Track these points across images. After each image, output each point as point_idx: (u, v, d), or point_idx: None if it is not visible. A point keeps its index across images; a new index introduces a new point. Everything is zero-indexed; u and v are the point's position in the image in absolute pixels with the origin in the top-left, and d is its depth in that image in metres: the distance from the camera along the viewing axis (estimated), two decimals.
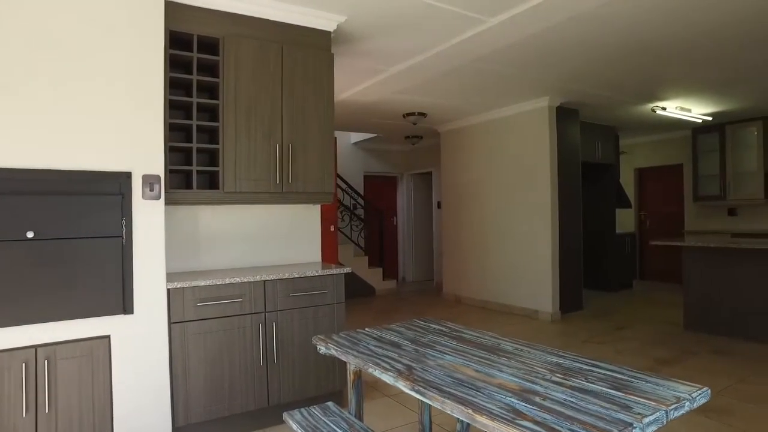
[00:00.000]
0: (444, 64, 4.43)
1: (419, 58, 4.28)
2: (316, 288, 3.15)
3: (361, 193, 8.89)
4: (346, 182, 8.34)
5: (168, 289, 2.67)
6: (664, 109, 6.16)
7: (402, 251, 9.69)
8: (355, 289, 7.69)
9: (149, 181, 2.60)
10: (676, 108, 6.25)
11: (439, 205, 8.56)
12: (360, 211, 8.69)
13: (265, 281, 2.97)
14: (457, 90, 5.43)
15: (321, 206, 3.75)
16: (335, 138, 6.62)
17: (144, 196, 2.58)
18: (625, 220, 8.84)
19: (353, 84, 5.14)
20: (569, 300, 6.17)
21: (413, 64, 4.41)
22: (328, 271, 3.18)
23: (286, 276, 3.03)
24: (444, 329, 2.22)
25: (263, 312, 2.97)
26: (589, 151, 6.96)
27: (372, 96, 5.56)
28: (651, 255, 8.69)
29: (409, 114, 6.50)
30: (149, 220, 2.60)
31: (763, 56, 4.30)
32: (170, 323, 2.67)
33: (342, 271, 3.25)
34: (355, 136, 8.85)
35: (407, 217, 9.68)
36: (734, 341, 4.78)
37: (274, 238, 3.54)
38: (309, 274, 3.11)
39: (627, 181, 8.88)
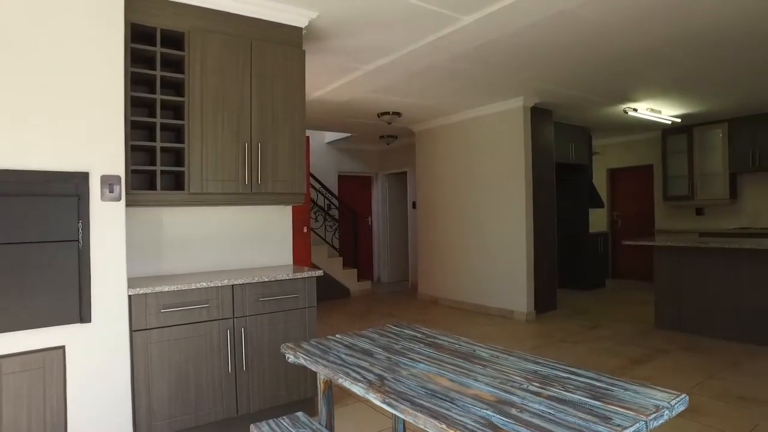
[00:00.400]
0: (419, 63, 4.37)
1: (393, 56, 4.21)
2: (287, 292, 3.05)
3: (336, 193, 8.79)
4: (320, 182, 8.22)
5: (129, 296, 2.53)
6: (635, 110, 6.24)
7: (377, 252, 9.62)
8: (329, 290, 7.58)
9: (109, 181, 2.46)
10: (647, 109, 6.34)
11: (414, 205, 8.52)
12: (334, 212, 8.58)
13: (233, 286, 2.86)
14: (432, 89, 5.38)
15: (293, 207, 3.65)
16: (308, 137, 6.50)
17: (103, 198, 2.44)
18: (598, 220, 8.96)
19: (326, 82, 5.05)
20: (544, 300, 6.19)
21: (387, 62, 4.34)
22: (299, 275, 3.09)
23: (255, 280, 2.92)
24: (418, 335, 2.15)
25: (231, 318, 2.86)
26: (563, 151, 7.01)
27: (346, 95, 5.47)
28: (623, 254, 8.83)
29: (383, 113, 6.43)
30: (109, 223, 2.46)
31: (724, 64, 4.38)
32: (132, 331, 2.53)
33: (313, 275, 3.15)
34: (329, 136, 8.74)
35: (382, 218, 9.61)
36: (703, 339, 4.86)
37: (244, 240, 3.43)
38: (279, 277, 3.01)
39: (600, 181, 9.00)
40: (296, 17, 3.27)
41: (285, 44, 3.24)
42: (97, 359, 2.39)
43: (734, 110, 6.67)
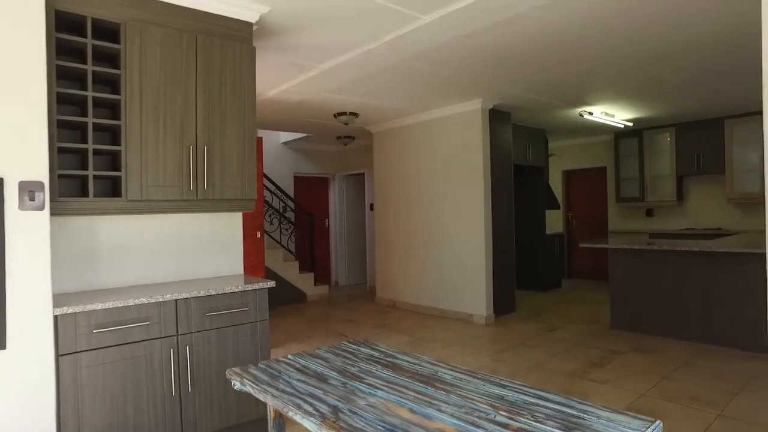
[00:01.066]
0: (376, 63, 4.23)
1: (350, 55, 4.05)
2: (236, 305, 2.84)
3: (291, 195, 8.54)
4: (274, 184, 7.95)
5: (55, 316, 2.27)
6: (590, 113, 6.33)
7: (334, 255, 9.42)
8: (285, 295, 7.34)
9: (29, 188, 2.19)
10: (602, 113, 6.45)
11: (372, 207, 8.38)
12: (290, 214, 8.34)
13: (176, 300, 2.63)
14: (390, 90, 5.26)
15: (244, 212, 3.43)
16: (260, 138, 6.25)
17: (22, 207, 2.17)
18: (554, 221, 9.10)
19: (280, 81, 4.83)
20: (503, 302, 6.18)
21: (344, 61, 4.17)
22: (249, 286, 2.88)
23: (201, 293, 2.70)
24: (376, 354, 2.01)
25: (175, 335, 2.63)
26: (521, 153, 7.05)
27: (300, 94, 5.26)
28: (578, 254, 9.00)
29: (340, 114, 6.25)
30: (29, 235, 2.19)
31: (672, 73, 4.47)
32: (58, 356, 2.27)
33: (265, 286, 2.96)
34: (285, 136, 8.47)
35: (339, 220, 9.42)
36: (656, 339, 4.95)
37: (189, 249, 3.18)
38: (228, 290, 2.80)
39: (555, 182, 9.14)
40: (246, 11, 3.06)
41: (234, 40, 3.03)
42: (13, 390, 2.12)
43: (681, 115, 6.88)
